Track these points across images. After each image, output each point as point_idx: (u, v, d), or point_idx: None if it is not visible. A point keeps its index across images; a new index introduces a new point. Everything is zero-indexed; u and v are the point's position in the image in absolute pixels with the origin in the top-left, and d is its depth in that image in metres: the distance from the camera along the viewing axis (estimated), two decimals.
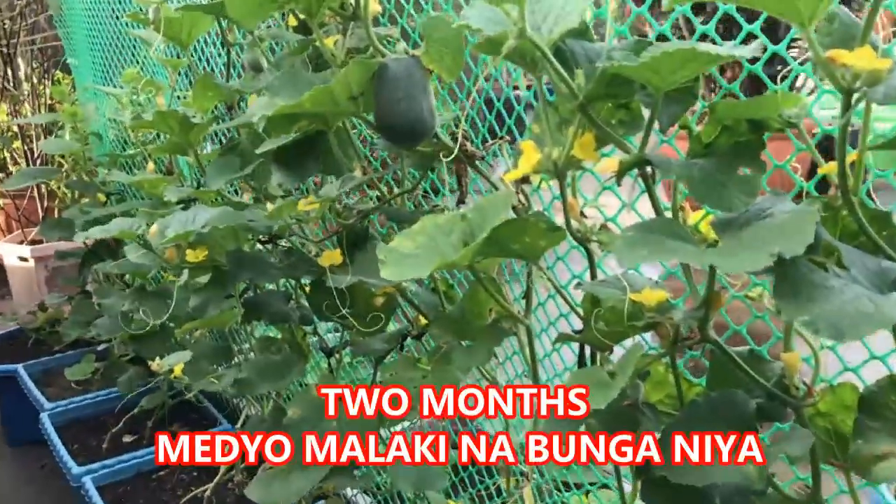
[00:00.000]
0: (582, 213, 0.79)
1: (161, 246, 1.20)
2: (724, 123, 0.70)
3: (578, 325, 0.85)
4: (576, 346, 0.96)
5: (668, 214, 0.76)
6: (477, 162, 0.92)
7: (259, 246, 1.41)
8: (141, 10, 1.35)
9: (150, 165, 1.92)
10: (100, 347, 2.38)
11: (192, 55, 1.48)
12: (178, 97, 1.71)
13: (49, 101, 3.64)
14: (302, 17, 1.07)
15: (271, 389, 1.41)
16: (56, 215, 3.16)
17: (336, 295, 1.05)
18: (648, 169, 0.73)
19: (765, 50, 0.63)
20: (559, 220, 0.78)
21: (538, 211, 0.80)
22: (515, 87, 1.13)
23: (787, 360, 0.72)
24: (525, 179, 0.91)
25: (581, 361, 0.87)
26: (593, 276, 0.82)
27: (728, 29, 0.87)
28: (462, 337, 1.02)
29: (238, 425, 1.81)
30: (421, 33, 0.85)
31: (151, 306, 1.75)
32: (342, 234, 1.09)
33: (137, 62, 2.28)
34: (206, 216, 1.17)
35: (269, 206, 0.99)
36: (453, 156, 0.98)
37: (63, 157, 2.48)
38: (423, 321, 1.20)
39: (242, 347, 1.74)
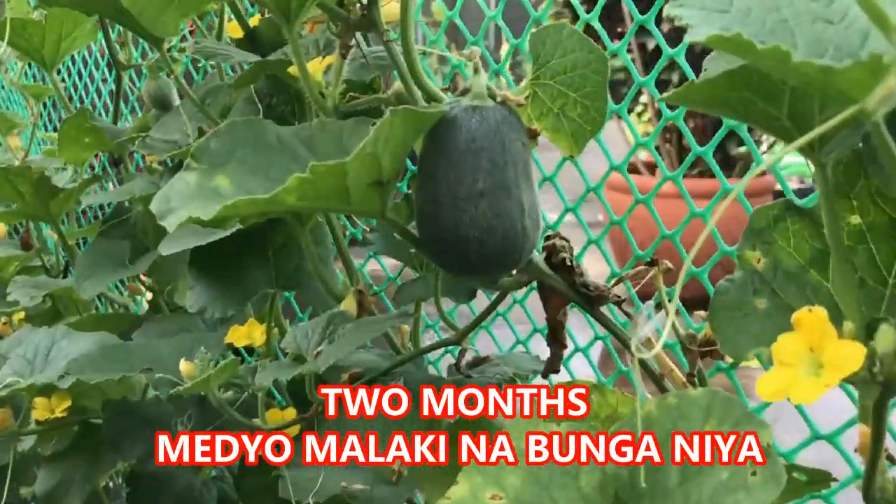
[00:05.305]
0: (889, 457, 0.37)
1: None
2: None
3: None
4: None
5: None
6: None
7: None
8: None
9: (2, 228, 1.40)
10: None
11: (64, 80, 0.99)
12: (43, 139, 1.21)
13: None
14: (251, 22, 0.62)
15: None
16: None
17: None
18: None
19: None
20: None
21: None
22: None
23: None
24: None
25: None
26: None
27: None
28: None
29: None
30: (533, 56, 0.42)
31: None
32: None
33: None
34: (72, 352, 0.69)
35: (188, 368, 0.53)
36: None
37: None
38: None
39: None
